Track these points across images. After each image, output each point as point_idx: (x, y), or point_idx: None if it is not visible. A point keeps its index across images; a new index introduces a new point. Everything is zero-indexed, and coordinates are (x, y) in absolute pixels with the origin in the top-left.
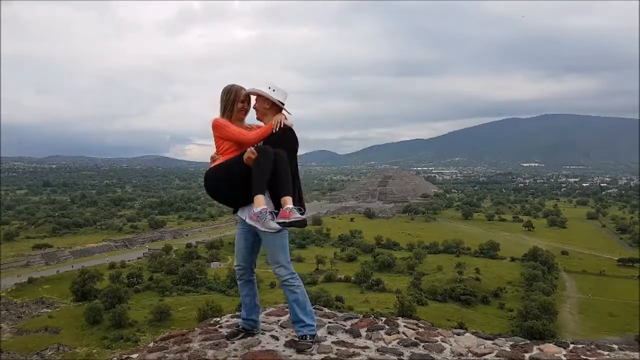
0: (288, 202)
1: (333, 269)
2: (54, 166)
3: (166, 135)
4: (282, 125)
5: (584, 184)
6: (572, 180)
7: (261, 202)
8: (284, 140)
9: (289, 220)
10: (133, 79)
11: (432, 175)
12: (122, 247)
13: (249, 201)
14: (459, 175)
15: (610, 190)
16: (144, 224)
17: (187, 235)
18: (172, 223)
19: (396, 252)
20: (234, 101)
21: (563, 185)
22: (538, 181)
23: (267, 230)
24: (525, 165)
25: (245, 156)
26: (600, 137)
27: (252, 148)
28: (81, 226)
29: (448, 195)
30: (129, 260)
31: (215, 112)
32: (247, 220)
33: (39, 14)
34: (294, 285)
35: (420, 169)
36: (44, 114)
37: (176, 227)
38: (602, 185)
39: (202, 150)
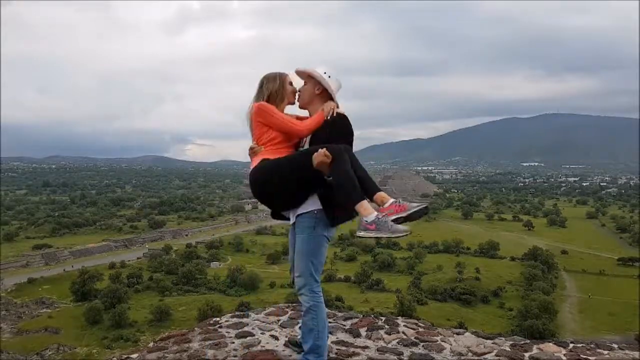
0: (385, 196)
1: (333, 269)
2: (54, 166)
3: (166, 135)
4: (334, 114)
5: (584, 184)
6: (572, 179)
7: (370, 209)
8: (341, 131)
9: (408, 213)
10: (133, 79)
11: (432, 175)
12: (122, 247)
13: (296, 204)
14: (458, 174)
15: (610, 190)
16: (143, 224)
17: (187, 235)
18: (172, 223)
19: (396, 251)
20: (281, 87)
21: (563, 184)
22: (538, 180)
23: (395, 235)
24: (525, 164)
25: (317, 161)
26: (600, 137)
27: (325, 151)
28: (81, 226)
29: (448, 195)
30: (129, 260)
31: (214, 112)
32: (362, 234)
33: (39, 14)
34: (304, 305)
35: (420, 168)
36: (44, 114)
37: (176, 227)
38: (601, 184)
39: (202, 150)
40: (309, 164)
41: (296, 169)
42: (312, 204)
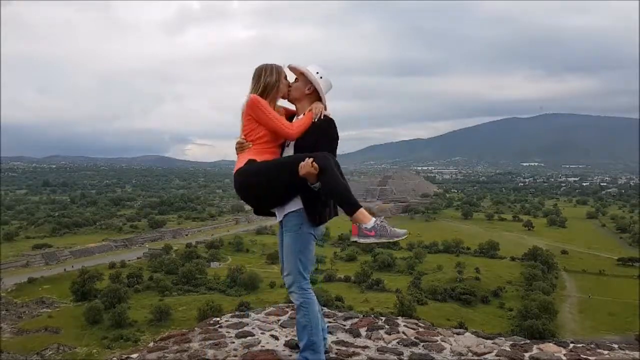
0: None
1: (333, 269)
2: (53, 166)
3: (166, 135)
4: (322, 117)
5: (584, 184)
6: (572, 179)
7: (369, 216)
8: (327, 135)
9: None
10: (133, 79)
11: (432, 175)
12: (122, 247)
13: (282, 205)
14: (459, 174)
15: (610, 190)
16: (143, 223)
17: (187, 235)
18: (172, 223)
19: (396, 251)
20: (277, 81)
21: (563, 184)
22: (538, 180)
23: (395, 239)
24: (525, 164)
25: (303, 171)
26: (600, 137)
27: (313, 162)
28: (81, 226)
29: (448, 195)
30: (129, 260)
31: (214, 112)
32: (362, 240)
33: (39, 14)
34: (295, 302)
35: (420, 168)
36: (44, 114)
37: (176, 227)
38: (602, 184)
39: (202, 150)
40: (296, 170)
41: (284, 174)
42: (298, 203)
